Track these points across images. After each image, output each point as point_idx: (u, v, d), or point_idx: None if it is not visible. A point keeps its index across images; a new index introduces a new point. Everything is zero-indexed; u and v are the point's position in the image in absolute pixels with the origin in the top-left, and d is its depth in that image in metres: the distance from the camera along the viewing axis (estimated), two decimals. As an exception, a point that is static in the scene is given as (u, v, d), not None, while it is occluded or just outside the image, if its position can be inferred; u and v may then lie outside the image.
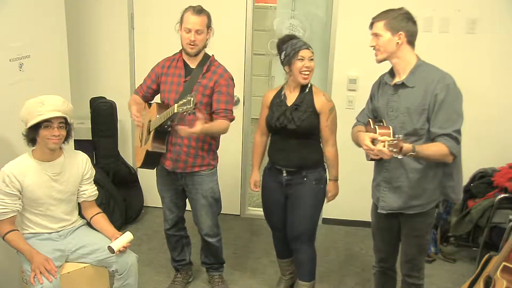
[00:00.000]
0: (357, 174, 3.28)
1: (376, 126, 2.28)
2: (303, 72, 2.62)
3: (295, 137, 2.70)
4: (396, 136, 2.03)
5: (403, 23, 2.27)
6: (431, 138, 2.24)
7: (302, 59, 2.61)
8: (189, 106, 2.39)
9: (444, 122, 2.21)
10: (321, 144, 2.78)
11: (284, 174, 2.76)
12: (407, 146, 2.07)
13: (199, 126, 2.53)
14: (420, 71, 2.30)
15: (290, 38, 2.71)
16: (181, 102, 2.44)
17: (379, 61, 2.35)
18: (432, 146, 2.19)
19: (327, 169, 2.82)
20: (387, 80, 2.40)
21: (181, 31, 2.71)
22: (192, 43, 2.68)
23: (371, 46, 2.34)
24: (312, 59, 2.63)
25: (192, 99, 2.38)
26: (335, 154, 2.76)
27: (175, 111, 2.48)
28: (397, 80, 2.34)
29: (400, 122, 2.30)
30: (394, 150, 2.00)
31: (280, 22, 4.12)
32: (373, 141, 2.18)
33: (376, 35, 2.30)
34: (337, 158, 2.77)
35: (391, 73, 2.40)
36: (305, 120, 2.64)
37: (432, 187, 2.35)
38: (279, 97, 2.76)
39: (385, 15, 2.29)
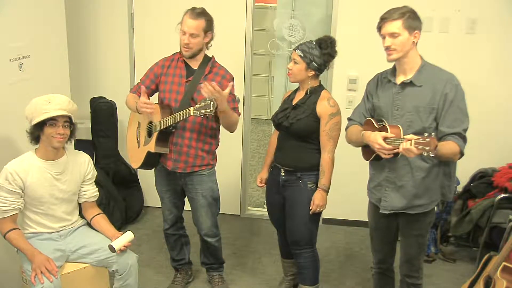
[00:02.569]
0: (357, 175, 3.27)
1: (388, 126, 2.27)
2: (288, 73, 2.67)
3: (291, 137, 2.68)
4: (426, 134, 2.00)
5: (417, 22, 2.27)
6: (439, 137, 2.23)
7: (291, 60, 2.65)
8: (208, 110, 2.37)
9: (453, 121, 2.23)
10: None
11: (282, 173, 2.75)
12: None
13: (228, 89, 2.51)
14: (426, 70, 2.31)
15: (319, 40, 2.65)
16: (198, 105, 2.41)
17: (393, 61, 2.32)
18: (447, 145, 2.19)
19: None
20: (390, 78, 2.39)
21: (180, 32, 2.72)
22: (186, 46, 2.69)
23: (386, 46, 2.28)
24: (296, 62, 2.61)
25: (212, 103, 2.36)
26: (328, 161, 2.62)
27: (191, 114, 2.45)
28: (403, 78, 2.33)
29: (408, 120, 2.30)
30: (427, 148, 1.97)
31: (280, 22, 4.12)
32: (385, 140, 2.19)
33: (392, 34, 2.25)
34: (329, 166, 2.63)
35: (394, 71, 2.40)
36: (301, 121, 2.62)
37: (435, 186, 2.36)
38: (290, 96, 2.78)
39: (400, 14, 2.25)
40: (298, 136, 2.66)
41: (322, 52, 2.60)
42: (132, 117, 2.99)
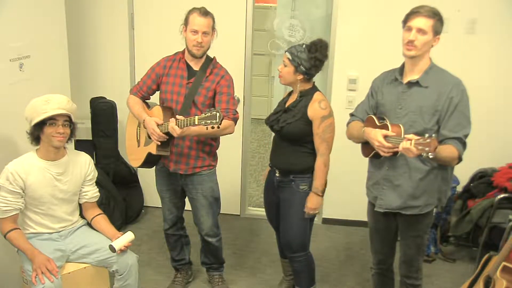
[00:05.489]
0: (357, 175, 3.28)
1: (389, 124, 2.27)
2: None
3: (282, 140, 2.67)
4: (427, 135, 2.00)
5: (442, 27, 2.25)
6: (439, 140, 2.22)
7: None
8: (214, 121, 2.35)
9: (455, 126, 2.23)
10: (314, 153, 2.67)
11: (277, 175, 2.75)
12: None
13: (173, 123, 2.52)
14: (433, 72, 2.30)
15: (311, 43, 2.58)
16: (204, 115, 2.39)
17: (410, 57, 2.27)
18: (447, 148, 2.19)
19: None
20: (398, 77, 2.38)
21: (185, 32, 2.70)
22: (198, 45, 2.67)
23: (410, 40, 2.22)
24: (285, 65, 2.58)
25: (218, 114, 2.34)
26: (320, 165, 2.59)
27: (196, 123, 2.43)
28: (410, 78, 2.33)
29: (410, 120, 2.30)
30: (426, 149, 1.96)
31: (280, 22, 4.12)
32: (385, 138, 2.20)
33: (421, 30, 2.21)
34: (321, 170, 2.59)
35: (401, 70, 2.39)
36: (291, 124, 2.59)
37: (432, 189, 2.36)
38: (284, 98, 2.77)
39: (433, 13, 2.22)
40: (289, 139, 2.65)
41: (310, 56, 2.53)
42: (132, 116, 2.99)
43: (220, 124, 2.37)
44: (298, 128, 2.59)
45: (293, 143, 2.65)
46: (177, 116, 2.57)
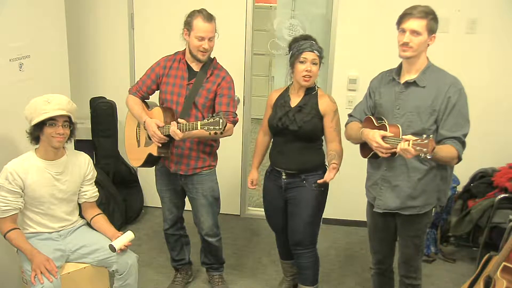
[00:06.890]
0: (357, 174, 3.29)
1: (387, 125, 2.27)
2: (304, 76, 2.58)
3: (296, 140, 2.66)
4: (424, 136, 2.00)
5: (437, 25, 2.25)
6: (438, 140, 2.23)
7: (303, 62, 2.56)
8: (217, 127, 2.35)
9: (453, 125, 2.23)
10: (323, 148, 2.76)
11: (284, 177, 2.74)
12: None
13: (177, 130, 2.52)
14: (430, 72, 2.30)
15: (303, 38, 2.63)
16: (206, 121, 2.39)
17: (406, 58, 2.27)
18: (446, 148, 2.19)
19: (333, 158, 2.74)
20: (395, 77, 2.38)
21: (188, 36, 2.68)
22: (205, 51, 2.67)
23: (404, 42, 2.22)
24: (315, 63, 2.56)
25: (221, 120, 2.34)
26: (341, 148, 2.67)
27: (198, 128, 2.43)
28: (407, 78, 2.33)
29: (408, 120, 2.29)
30: (424, 149, 1.97)
31: (280, 22, 4.12)
32: (383, 139, 2.19)
33: (414, 32, 2.21)
34: (342, 153, 2.68)
35: (399, 70, 2.39)
36: (308, 122, 2.61)
37: (431, 189, 2.35)
38: (283, 98, 2.73)
39: (425, 13, 2.21)
40: (306, 137, 2.66)
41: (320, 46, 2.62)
42: (131, 115, 2.98)
43: (223, 130, 2.37)
44: (315, 125, 2.64)
45: (307, 141, 2.67)
46: (179, 120, 2.56)
